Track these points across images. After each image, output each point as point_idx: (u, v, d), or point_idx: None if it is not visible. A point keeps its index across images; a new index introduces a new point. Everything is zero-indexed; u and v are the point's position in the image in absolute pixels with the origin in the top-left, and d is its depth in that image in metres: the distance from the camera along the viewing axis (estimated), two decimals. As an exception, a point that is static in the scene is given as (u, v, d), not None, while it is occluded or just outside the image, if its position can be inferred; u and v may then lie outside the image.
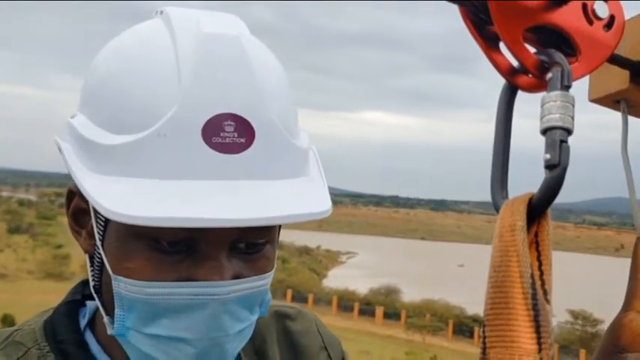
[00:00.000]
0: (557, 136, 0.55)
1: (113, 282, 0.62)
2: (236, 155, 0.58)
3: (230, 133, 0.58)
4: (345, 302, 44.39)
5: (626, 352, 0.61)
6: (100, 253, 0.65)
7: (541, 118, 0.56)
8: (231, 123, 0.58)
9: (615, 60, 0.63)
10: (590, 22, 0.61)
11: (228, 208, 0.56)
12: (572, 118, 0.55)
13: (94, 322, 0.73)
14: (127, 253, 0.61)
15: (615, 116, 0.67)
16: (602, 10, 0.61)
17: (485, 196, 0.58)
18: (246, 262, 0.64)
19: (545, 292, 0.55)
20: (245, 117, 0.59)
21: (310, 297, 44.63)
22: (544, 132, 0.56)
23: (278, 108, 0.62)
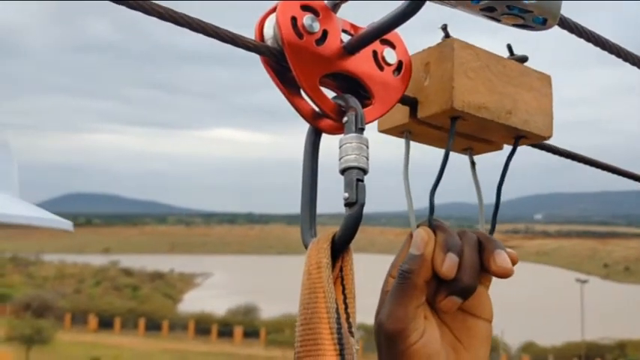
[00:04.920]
0: (354, 176, 0.58)
1: None
2: None
3: None
4: (203, 325, 43.37)
5: None
6: None
7: (339, 159, 0.60)
8: None
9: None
10: (381, 68, 0.66)
11: None
12: (367, 158, 0.60)
13: None
14: None
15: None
16: (391, 57, 0.67)
17: (338, 207, 0.60)
18: None
19: (349, 325, 0.58)
20: None
21: (165, 324, 43.09)
22: (342, 172, 0.59)
23: None
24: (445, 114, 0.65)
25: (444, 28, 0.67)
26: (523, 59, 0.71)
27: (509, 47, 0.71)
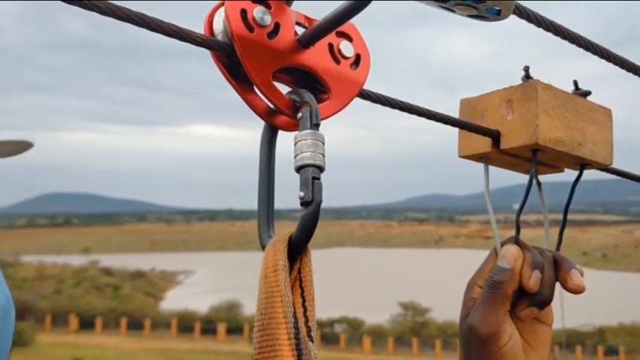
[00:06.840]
0: (310, 174, 0.56)
1: None
2: None
3: None
4: (186, 323, 43.15)
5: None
6: None
7: (294, 157, 0.58)
8: None
9: (478, 130, 0.75)
10: (338, 62, 0.64)
11: None
12: (323, 155, 0.58)
13: None
14: None
15: (424, 121, 0.80)
16: (348, 50, 0.65)
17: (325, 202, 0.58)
18: None
19: (308, 329, 0.56)
20: None
21: (147, 322, 42.80)
22: (298, 170, 0.57)
23: None
24: (528, 147, 0.73)
25: (526, 69, 0.74)
26: (587, 94, 0.79)
27: (575, 83, 0.79)
